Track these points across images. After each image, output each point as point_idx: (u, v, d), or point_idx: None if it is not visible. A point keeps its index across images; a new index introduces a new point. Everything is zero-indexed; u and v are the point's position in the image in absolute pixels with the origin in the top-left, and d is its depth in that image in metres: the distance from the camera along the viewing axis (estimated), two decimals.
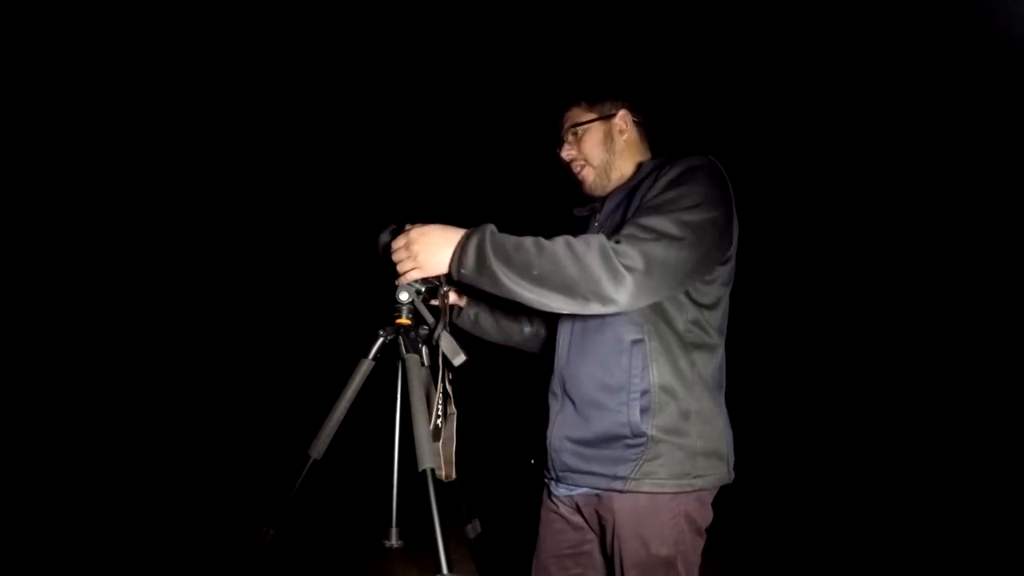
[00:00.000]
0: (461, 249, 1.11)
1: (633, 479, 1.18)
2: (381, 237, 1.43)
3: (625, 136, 1.37)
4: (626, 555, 1.22)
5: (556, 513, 1.38)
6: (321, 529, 3.35)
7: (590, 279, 1.04)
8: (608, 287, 1.04)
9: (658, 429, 1.18)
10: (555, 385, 1.32)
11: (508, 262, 1.07)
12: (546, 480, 1.40)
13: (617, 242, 1.08)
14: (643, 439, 1.18)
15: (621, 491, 1.19)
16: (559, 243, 1.08)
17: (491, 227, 1.13)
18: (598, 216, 1.38)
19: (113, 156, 5.58)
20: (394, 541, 1.40)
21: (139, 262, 6.14)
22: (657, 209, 1.12)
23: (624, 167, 1.37)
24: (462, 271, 1.11)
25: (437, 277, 1.39)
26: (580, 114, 1.38)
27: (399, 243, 1.20)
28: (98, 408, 5.28)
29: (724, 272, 1.24)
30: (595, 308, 1.07)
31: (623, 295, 1.05)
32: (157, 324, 6.26)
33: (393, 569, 2.91)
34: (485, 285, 1.10)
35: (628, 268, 1.05)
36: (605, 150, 1.36)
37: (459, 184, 6.16)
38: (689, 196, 1.13)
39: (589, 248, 1.06)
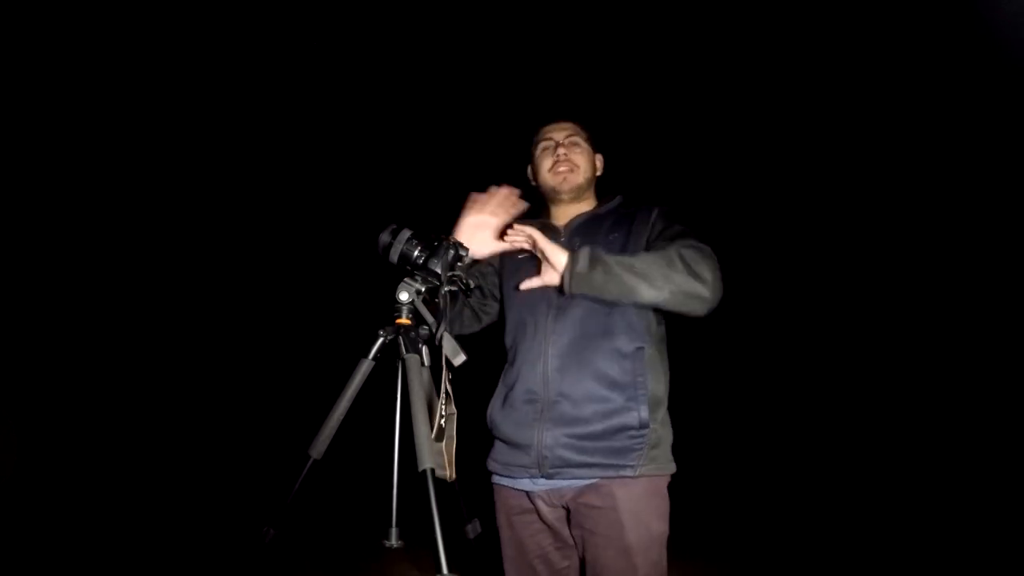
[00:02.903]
0: (573, 257, 1.30)
1: (642, 465, 1.32)
2: (381, 237, 1.44)
3: (598, 173, 1.62)
4: (629, 535, 1.31)
5: (534, 514, 1.43)
6: (321, 529, 3.35)
7: (702, 278, 1.29)
8: (709, 286, 1.30)
9: (656, 422, 1.35)
10: (534, 387, 1.40)
11: (618, 262, 1.29)
12: (525, 482, 1.42)
13: (692, 246, 1.33)
14: (646, 430, 1.33)
15: (633, 477, 1.32)
16: (667, 248, 1.32)
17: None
18: (562, 232, 1.54)
19: (113, 156, 5.57)
20: (394, 541, 1.40)
21: (139, 262, 6.13)
22: (687, 236, 1.38)
23: (589, 192, 1.60)
24: (577, 269, 1.28)
25: (437, 276, 1.40)
26: (580, 131, 1.59)
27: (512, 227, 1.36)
28: (98, 408, 5.28)
29: None
30: (700, 292, 1.31)
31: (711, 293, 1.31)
32: (157, 324, 6.26)
33: (393, 569, 2.91)
34: (597, 278, 1.28)
35: (713, 273, 1.31)
36: (591, 169, 1.59)
37: (459, 184, 6.15)
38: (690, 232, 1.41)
39: (693, 254, 1.31)
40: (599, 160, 1.62)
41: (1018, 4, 2.68)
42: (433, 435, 1.27)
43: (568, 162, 1.54)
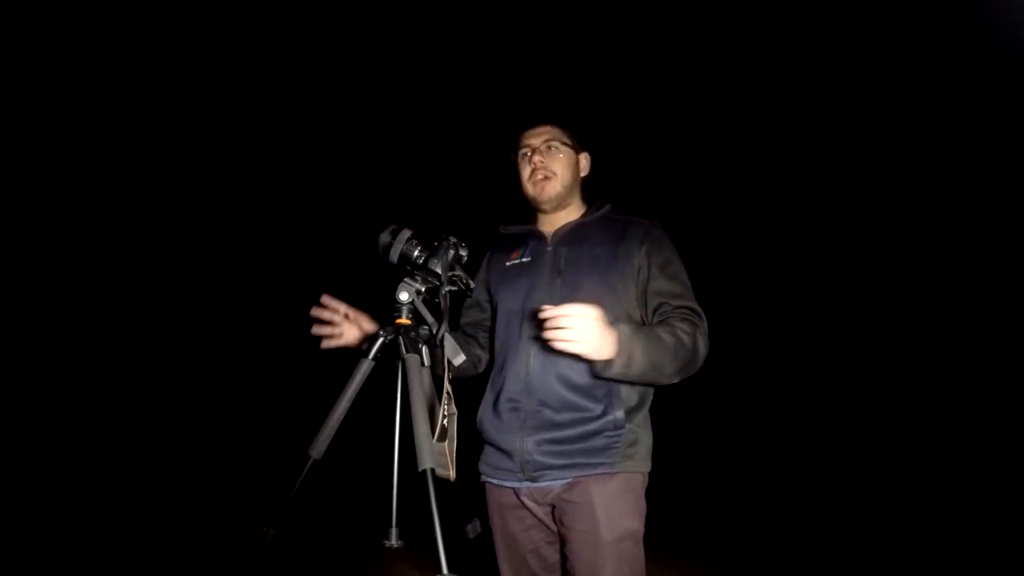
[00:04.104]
0: (627, 355, 1.28)
1: (619, 463, 1.37)
2: (381, 237, 1.44)
3: (582, 173, 1.58)
4: (602, 530, 1.35)
5: (525, 510, 1.45)
6: (321, 529, 3.35)
7: (699, 359, 1.37)
8: (702, 361, 1.39)
9: (634, 423, 1.40)
10: (517, 396, 1.43)
11: (659, 354, 1.31)
12: (512, 483, 1.45)
13: (698, 324, 1.39)
14: (622, 431, 1.38)
15: (609, 473, 1.36)
16: (679, 333, 1.34)
17: (631, 325, 1.33)
18: (548, 239, 1.53)
19: (113, 156, 5.57)
20: (394, 541, 1.40)
21: (139, 262, 6.13)
22: (684, 287, 1.45)
23: (573, 197, 1.56)
24: (628, 370, 1.29)
25: (437, 276, 1.40)
26: (560, 134, 1.54)
27: (571, 315, 1.24)
28: (98, 408, 5.28)
29: None
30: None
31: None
32: (157, 324, 6.26)
33: (393, 569, 2.91)
34: (636, 379, 1.33)
35: (706, 350, 1.40)
36: (572, 174, 1.54)
37: (459, 184, 6.16)
38: (681, 267, 1.47)
39: (696, 339, 1.36)
40: (584, 159, 1.58)
41: (1018, 4, 2.68)
42: (435, 435, 1.28)
43: (545, 170, 1.51)
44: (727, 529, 3.82)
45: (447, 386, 1.33)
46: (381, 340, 1.38)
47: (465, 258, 1.48)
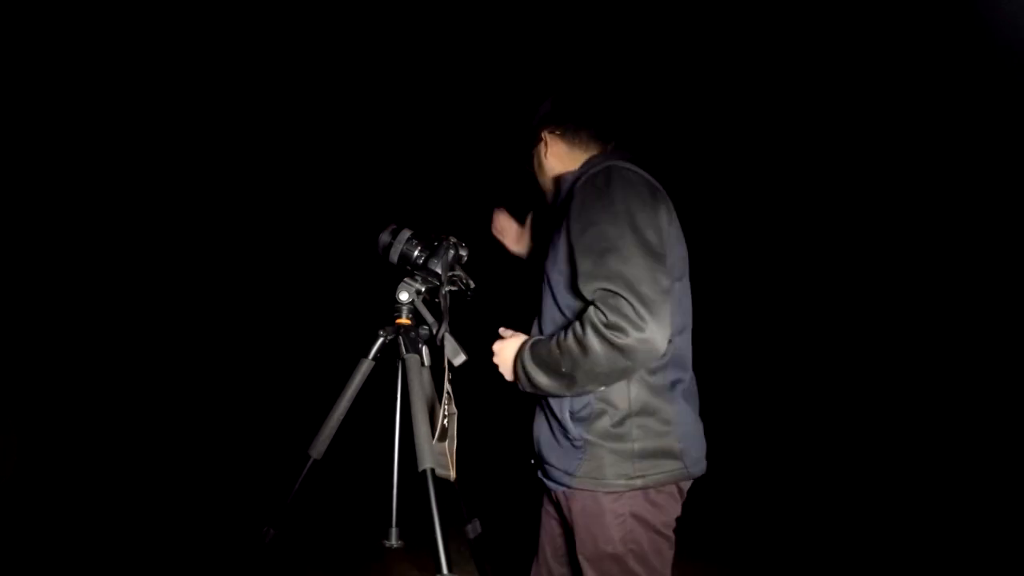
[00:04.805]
0: (513, 371, 1.24)
1: (577, 477, 1.22)
2: (381, 237, 1.44)
3: (549, 152, 1.39)
4: (579, 549, 1.27)
5: (553, 509, 1.40)
6: (321, 529, 3.35)
7: (610, 367, 1.11)
8: (625, 363, 1.10)
9: (594, 434, 1.21)
10: None
11: (546, 367, 1.17)
12: (540, 476, 1.40)
13: (601, 311, 1.09)
14: (580, 442, 1.22)
15: (569, 487, 1.24)
16: (566, 336, 1.14)
17: (529, 341, 1.23)
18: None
19: (113, 156, 5.58)
20: (394, 541, 1.41)
21: (139, 262, 6.13)
22: (597, 259, 1.12)
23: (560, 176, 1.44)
24: (524, 390, 1.24)
25: (437, 276, 1.40)
26: (527, 154, 1.47)
27: (496, 352, 1.30)
28: (98, 408, 5.28)
29: None
30: (633, 373, 1.17)
31: (642, 357, 1.10)
32: (157, 324, 6.26)
33: (393, 569, 2.91)
34: (539, 392, 1.23)
35: (624, 338, 1.07)
36: (540, 175, 1.44)
37: (459, 184, 6.16)
38: (608, 228, 1.13)
39: (586, 336, 1.10)
40: (544, 145, 1.39)
41: (1018, 4, 2.68)
42: (436, 435, 1.28)
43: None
44: (727, 529, 3.81)
45: (447, 386, 1.33)
46: (381, 340, 1.39)
47: (465, 258, 1.49)
